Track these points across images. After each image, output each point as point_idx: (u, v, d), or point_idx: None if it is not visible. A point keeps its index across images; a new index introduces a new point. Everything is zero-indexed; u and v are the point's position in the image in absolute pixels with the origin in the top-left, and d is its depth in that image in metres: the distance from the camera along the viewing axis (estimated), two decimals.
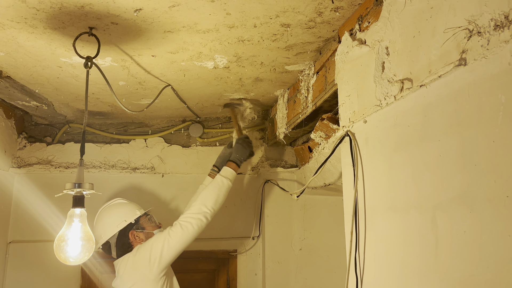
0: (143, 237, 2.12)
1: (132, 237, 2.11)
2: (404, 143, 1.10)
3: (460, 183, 0.88)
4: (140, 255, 1.99)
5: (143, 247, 2.02)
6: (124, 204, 2.22)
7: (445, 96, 0.94)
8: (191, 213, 2.07)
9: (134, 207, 2.21)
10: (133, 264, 2.00)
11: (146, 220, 2.18)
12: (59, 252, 1.34)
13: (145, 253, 1.98)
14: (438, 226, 0.95)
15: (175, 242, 2.00)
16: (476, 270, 0.83)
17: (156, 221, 2.22)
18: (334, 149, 1.50)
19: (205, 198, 2.10)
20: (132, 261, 2.01)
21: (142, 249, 2.01)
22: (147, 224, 2.16)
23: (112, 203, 2.21)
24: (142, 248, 2.03)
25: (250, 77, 2.00)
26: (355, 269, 1.31)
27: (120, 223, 2.10)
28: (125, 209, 2.18)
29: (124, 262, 2.04)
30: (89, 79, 1.92)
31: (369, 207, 1.26)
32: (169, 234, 2.02)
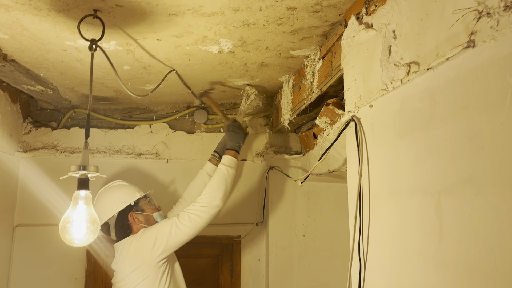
0: (142, 219, 2.14)
1: (131, 219, 2.12)
2: (410, 128, 1.09)
3: (466, 167, 0.88)
4: (145, 240, 2.00)
5: (149, 232, 2.03)
6: (124, 186, 2.22)
7: (452, 79, 0.93)
8: (201, 206, 2.05)
9: (134, 189, 2.22)
10: (136, 248, 2.01)
11: (146, 202, 2.19)
12: (64, 234, 1.36)
13: (150, 239, 1.99)
14: (442, 210, 0.95)
15: (181, 232, 2.01)
16: (480, 253, 0.83)
17: (155, 204, 2.23)
18: (339, 134, 1.49)
19: (214, 190, 2.08)
20: (135, 245, 2.02)
21: (147, 234, 2.02)
22: (147, 207, 2.18)
23: (112, 185, 2.22)
24: (147, 233, 2.04)
25: (255, 62, 1.99)
26: (359, 254, 1.31)
27: (120, 205, 2.12)
28: (124, 191, 2.19)
29: (127, 246, 2.05)
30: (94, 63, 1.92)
31: (374, 192, 1.26)
32: (177, 224, 2.01)
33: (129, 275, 1.98)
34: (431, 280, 0.97)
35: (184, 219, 2.02)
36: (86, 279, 2.55)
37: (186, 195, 2.36)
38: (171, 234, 1.99)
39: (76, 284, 2.55)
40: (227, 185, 2.10)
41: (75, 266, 2.57)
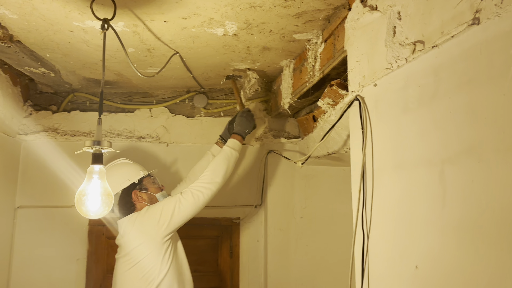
0: (146, 197, 2.18)
1: (135, 197, 2.16)
2: (414, 103, 1.15)
3: (470, 137, 0.94)
4: (150, 216, 2.05)
5: (153, 209, 2.08)
6: (128, 164, 2.26)
7: (457, 55, 0.99)
8: (203, 183, 2.11)
9: (138, 167, 2.25)
10: (140, 224, 2.06)
11: (150, 181, 2.22)
12: (80, 206, 1.40)
13: (155, 215, 2.04)
14: (446, 178, 1.01)
15: (185, 208, 2.06)
16: (482, 215, 0.90)
17: (159, 183, 2.27)
18: (343, 113, 1.55)
19: (217, 168, 2.14)
20: (140, 221, 2.07)
21: (152, 211, 2.07)
22: (150, 186, 2.21)
23: (116, 163, 2.25)
24: (151, 209, 2.08)
25: (258, 46, 2.03)
26: (362, 226, 1.38)
27: (124, 182, 2.15)
28: (129, 169, 2.22)
29: (131, 222, 2.10)
30: (98, 44, 1.96)
31: (377, 166, 1.33)
32: (180, 200, 2.07)
33: (133, 250, 2.03)
34: (434, 244, 1.04)
35: (188, 195, 2.08)
36: (88, 260, 2.59)
37: (191, 175, 2.41)
38: (175, 210, 2.04)
39: (78, 264, 2.59)
40: (228, 165, 2.16)
41: (76, 247, 2.61)
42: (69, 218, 2.61)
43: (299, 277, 2.59)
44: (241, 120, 2.32)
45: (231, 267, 2.69)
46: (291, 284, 2.58)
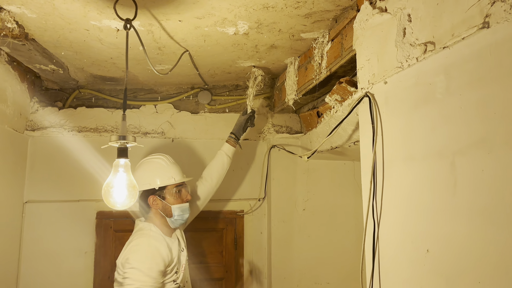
0: (161, 206, 2.13)
1: (151, 201, 2.13)
2: (425, 100, 1.24)
3: (480, 130, 1.04)
4: (122, 258, 2.01)
5: (134, 249, 2.01)
6: (162, 166, 2.17)
7: (467, 55, 1.08)
8: None
9: (169, 173, 2.15)
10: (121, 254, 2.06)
11: (172, 191, 2.14)
12: (108, 198, 1.47)
13: (129, 254, 1.99)
14: (456, 168, 1.11)
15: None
16: (492, 201, 0.99)
17: (184, 193, 2.17)
18: (352, 109, 1.64)
19: None
20: (124, 250, 2.06)
21: (134, 248, 2.02)
22: (170, 195, 2.14)
23: (152, 159, 2.20)
24: (136, 245, 2.03)
25: (266, 44, 2.11)
26: (373, 214, 1.47)
27: (144, 184, 2.11)
28: (158, 172, 2.15)
29: (134, 236, 2.11)
30: (110, 42, 2.02)
31: (387, 158, 1.42)
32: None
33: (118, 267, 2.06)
34: (445, 229, 1.14)
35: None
36: (96, 252, 2.65)
37: (206, 175, 2.43)
38: (124, 284, 1.95)
39: (86, 257, 2.65)
40: None
41: (84, 241, 2.66)
42: (77, 212, 2.67)
43: (302, 266, 2.69)
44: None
45: (236, 259, 2.77)
46: (294, 273, 2.68)
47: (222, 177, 2.44)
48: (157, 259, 1.99)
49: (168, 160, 2.21)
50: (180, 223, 2.19)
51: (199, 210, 2.44)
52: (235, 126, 2.49)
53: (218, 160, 2.42)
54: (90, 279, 2.63)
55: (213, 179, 2.40)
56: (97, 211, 2.69)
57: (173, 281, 2.08)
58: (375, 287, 1.46)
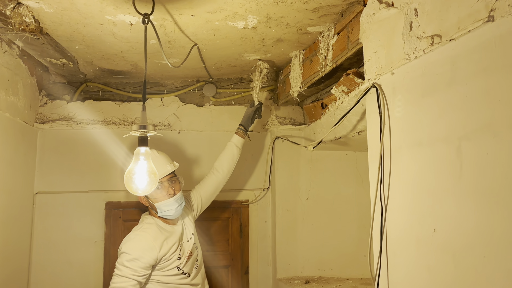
0: (147, 203, 2.22)
1: (141, 199, 2.23)
2: (432, 89, 1.33)
3: (485, 116, 1.12)
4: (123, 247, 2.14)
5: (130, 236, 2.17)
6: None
7: (473, 47, 1.16)
8: None
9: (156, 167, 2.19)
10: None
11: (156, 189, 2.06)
12: (130, 184, 1.54)
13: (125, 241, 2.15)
14: (462, 152, 1.19)
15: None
16: (495, 182, 1.08)
17: (168, 189, 2.15)
18: (359, 99, 1.72)
19: None
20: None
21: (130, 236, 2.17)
22: (153, 192, 2.10)
23: None
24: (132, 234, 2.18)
25: (273, 38, 2.18)
26: (380, 199, 1.56)
27: None
28: None
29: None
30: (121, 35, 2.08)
31: (395, 145, 1.50)
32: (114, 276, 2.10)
33: None
34: (452, 209, 1.23)
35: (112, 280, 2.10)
36: (105, 242, 2.72)
37: (217, 166, 2.51)
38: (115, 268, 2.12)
39: (96, 246, 2.72)
40: None
41: (94, 230, 2.73)
42: (87, 202, 2.73)
43: (306, 254, 2.78)
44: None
45: (241, 246, 2.86)
46: (298, 260, 2.77)
47: (233, 167, 2.52)
48: (141, 250, 2.09)
49: (157, 154, 2.19)
50: (173, 217, 2.22)
51: (211, 200, 2.51)
52: (243, 118, 2.57)
53: (229, 151, 2.50)
54: (101, 267, 2.70)
55: (224, 169, 2.48)
56: (106, 202, 2.75)
57: (176, 267, 2.16)
58: (383, 266, 1.55)
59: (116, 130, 2.80)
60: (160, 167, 2.09)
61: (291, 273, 2.76)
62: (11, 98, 2.30)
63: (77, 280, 2.68)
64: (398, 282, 1.47)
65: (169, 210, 2.18)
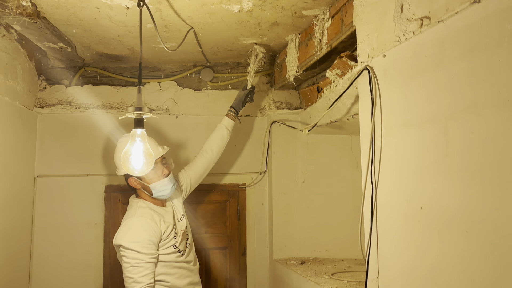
0: (140, 185, 2.22)
1: (132, 182, 2.22)
2: (421, 70, 1.35)
3: (470, 96, 1.15)
4: (118, 238, 2.13)
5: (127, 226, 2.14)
6: None
7: (460, 28, 1.19)
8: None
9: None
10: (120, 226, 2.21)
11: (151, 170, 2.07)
12: (127, 165, 1.57)
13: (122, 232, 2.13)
14: (449, 132, 1.23)
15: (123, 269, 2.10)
16: (479, 158, 1.11)
17: (162, 168, 2.20)
18: (353, 81, 1.75)
19: None
20: (122, 222, 2.22)
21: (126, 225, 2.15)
22: (149, 173, 2.11)
23: (124, 141, 2.17)
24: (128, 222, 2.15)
25: (268, 21, 2.20)
26: (371, 179, 1.60)
27: (121, 169, 2.15)
28: None
29: (125, 214, 2.26)
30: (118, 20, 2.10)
31: (386, 126, 1.53)
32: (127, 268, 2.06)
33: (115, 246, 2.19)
34: (438, 187, 1.26)
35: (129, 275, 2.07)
36: (105, 224, 2.77)
37: (206, 147, 2.55)
38: (122, 261, 2.11)
39: (95, 228, 2.77)
40: None
41: (94, 213, 2.78)
42: (86, 185, 2.78)
43: (302, 235, 2.83)
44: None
45: (239, 229, 2.91)
46: (294, 242, 2.83)
47: (222, 149, 2.55)
48: (148, 233, 2.11)
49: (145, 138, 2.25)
50: (166, 196, 2.27)
51: (199, 181, 2.55)
52: (235, 100, 2.60)
53: (218, 133, 2.53)
54: (101, 248, 2.76)
55: (213, 151, 2.52)
56: (106, 185, 2.80)
57: (173, 246, 2.21)
58: (373, 245, 1.59)
59: (115, 114, 2.83)
60: (154, 149, 2.13)
61: (287, 254, 2.82)
62: (10, 82, 2.33)
63: (78, 260, 2.74)
64: (387, 260, 1.52)
65: (164, 190, 2.22)
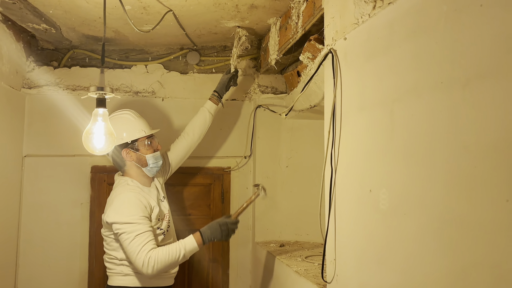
0: (135, 157, 2.26)
1: (125, 154, 2.25)
2: (374, 53, 1.35)
3: (412, 78, 1.14)
4: (111, 212, 2.14)
5: (117, 209, 2.13)
6: (129, 120, 2.29)
7: (406, 10, 1.18)
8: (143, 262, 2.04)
9: (139, 126, 2.28)
10: (106, 207, 2.24)
11: (143, 143, 2.27)
12: (87, 143, 1.61)
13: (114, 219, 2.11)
14: (394, 115, 1.22)
15: (123, 246, 2.11)
16: (418, 138, 1.11)
17: (155, 143, 2.32)
18: (319, 66, 1.75)
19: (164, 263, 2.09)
20: (108, 203, 2.23)
21: (115, 210, 2.13)
22: (143, 147, 2.27)
23: (119, 115, 2.30)
24: (117, 206, 2.14)
25: (246, 4, 2.19)
26: (331, 162, 1.60)
27: (118, 139, 2.18)
28: (127, 126, 2.26)
29: (110, 196, 2.27)
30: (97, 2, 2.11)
31: (345, 109, 1.53)
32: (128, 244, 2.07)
33: (105, 224, 2.21)
34: (383, 171, 1.27)
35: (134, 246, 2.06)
36: (91, 204, 2.83)
37: (188, 129, 2.57)
38: (120, 237, 2.10)
39: (82, 208, 2.83)
40: (176, 261, 2.12)
41: (80, 193, 2.84)
42: (73, 166, 2.83)
43: (284, 219, 2.86)
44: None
45: (223, 211, 2.94)
46: (276, 225, 2.85)
47: (204, 133, 2.57)
48: (141, 206, 2.15)
49: (135, 114, 2.33)
50: (156, 170, 2.33)
51: (180, 163, 2.58)
52: (218, 84, 2.60)
53: (201, 117, 2.55)
54: (87, 227, 2.83)
55: (195, 134, 2.54)
56: (92, 166, 2.85)
57: (158, 228, 2.25)
58: (331, 228, 1.61)
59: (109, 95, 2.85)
60: (147, 125, 2.33)
61: (269, 237, 2.85)
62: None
63: (65, 238, 2.81)
64: (343, 243, 1.53)
65: (157, 162, 2.30)
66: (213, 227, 2.17)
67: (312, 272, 1.98)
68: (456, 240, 0.96)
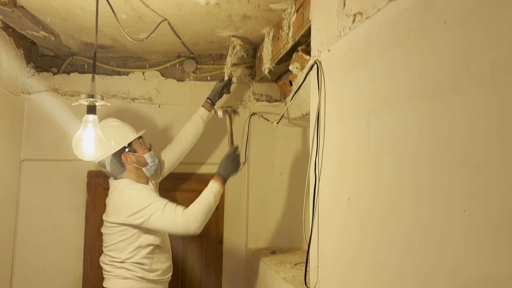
0: (134, 159, 2.32)
1: (124, 159, 2.30)
2: (353, 65, 1.38)
3: (386, 90, 1.18)
4: (126, 202, 2.20)
5: (132, 195, 2.21)
6: (119, 126, 2.35)
7: (381, 24, 1.21)
8: (185, 218, 2.16)
9: (128, 129, 2.36)
10: (116, 204, 2.24)
11: (138, 144, 2.35)
12: (77, 149, 1.65)
13: (131, 206, 2.18)
14: (370, 125, 1.26)
15: (159, 224, 2.16)
16: (391, 148, 1.15)
17: (146, 142, 2.41)
18: (305, 76, 1.79)
19: (200, 212, 2.24)
20: (118, 200, 2.25)
21: (130, 197, 2.20)
22: (139, 147, 2.35)
23: (107, 124, 2.33)
24: (131, 193, 2.22)
25: (238, 14, 2.24)
26: (315, 170, 1.63)
27: (114, 146, 2.26)
28: (119, 132, 2.32)
29: (114, 194, 2.28)
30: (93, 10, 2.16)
31: (327, 119, 1.57)
32: (161, 214, 2.15)
33: (111, 222, 2.24)
34: (360, 180, 1.30)
35: (169, 215, 2.15)
36: (86, 208, 2.87)
37: (181, 135, 2.62)
38: (150, 219, 2.15)
39: (77, 212, 2.88)
40: (210, 207, 2.28)
41: (76, 197, 2.88)
42: (70, 170, 2.88)
43: (277, 226, 2.88)
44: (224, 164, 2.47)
45: (216, 218, 2.97)
46: (269, 232, 2.88)
47: (196, 139, 2.62)
48: (150, 190, 2.28)
49: (121, 120, 2.41)
50: (154, 169, 2.40)
51: (172, 168, 2.63)
52: (212, 92, 2.65)
53: (194, 123, 2.59)
54: (82, 231, 2.87)
55: (187, 140, 2.58)
56: (88, 170, 2.90)
57: None
58: (314, 234, 1.64)
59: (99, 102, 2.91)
60: (133, 128, 2.41)
61: (261, 244, 2.88)
62: None
63: (60, 242, 2.85)
64: (325, 250, 1.56)
65: (154, 161, 2.39)
66: (223, 164, 2.40)
67: (299, 279, 2.00)
68: (421, 248, 0.99)
